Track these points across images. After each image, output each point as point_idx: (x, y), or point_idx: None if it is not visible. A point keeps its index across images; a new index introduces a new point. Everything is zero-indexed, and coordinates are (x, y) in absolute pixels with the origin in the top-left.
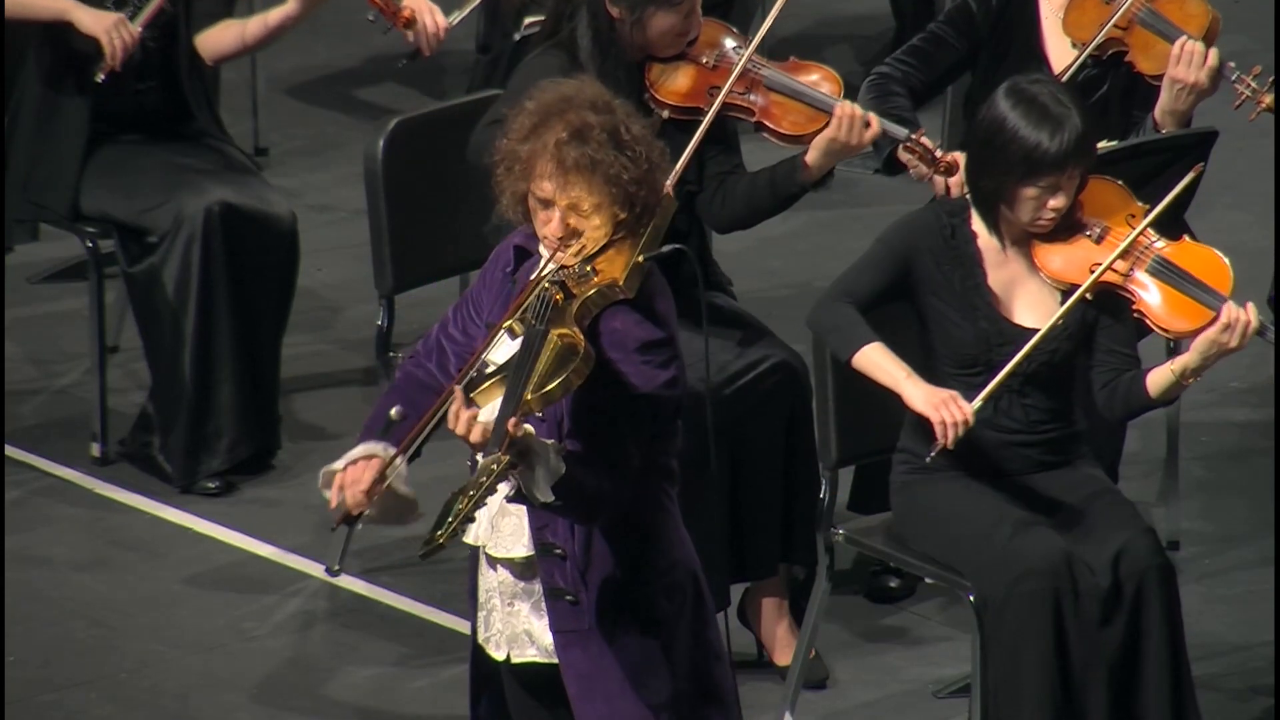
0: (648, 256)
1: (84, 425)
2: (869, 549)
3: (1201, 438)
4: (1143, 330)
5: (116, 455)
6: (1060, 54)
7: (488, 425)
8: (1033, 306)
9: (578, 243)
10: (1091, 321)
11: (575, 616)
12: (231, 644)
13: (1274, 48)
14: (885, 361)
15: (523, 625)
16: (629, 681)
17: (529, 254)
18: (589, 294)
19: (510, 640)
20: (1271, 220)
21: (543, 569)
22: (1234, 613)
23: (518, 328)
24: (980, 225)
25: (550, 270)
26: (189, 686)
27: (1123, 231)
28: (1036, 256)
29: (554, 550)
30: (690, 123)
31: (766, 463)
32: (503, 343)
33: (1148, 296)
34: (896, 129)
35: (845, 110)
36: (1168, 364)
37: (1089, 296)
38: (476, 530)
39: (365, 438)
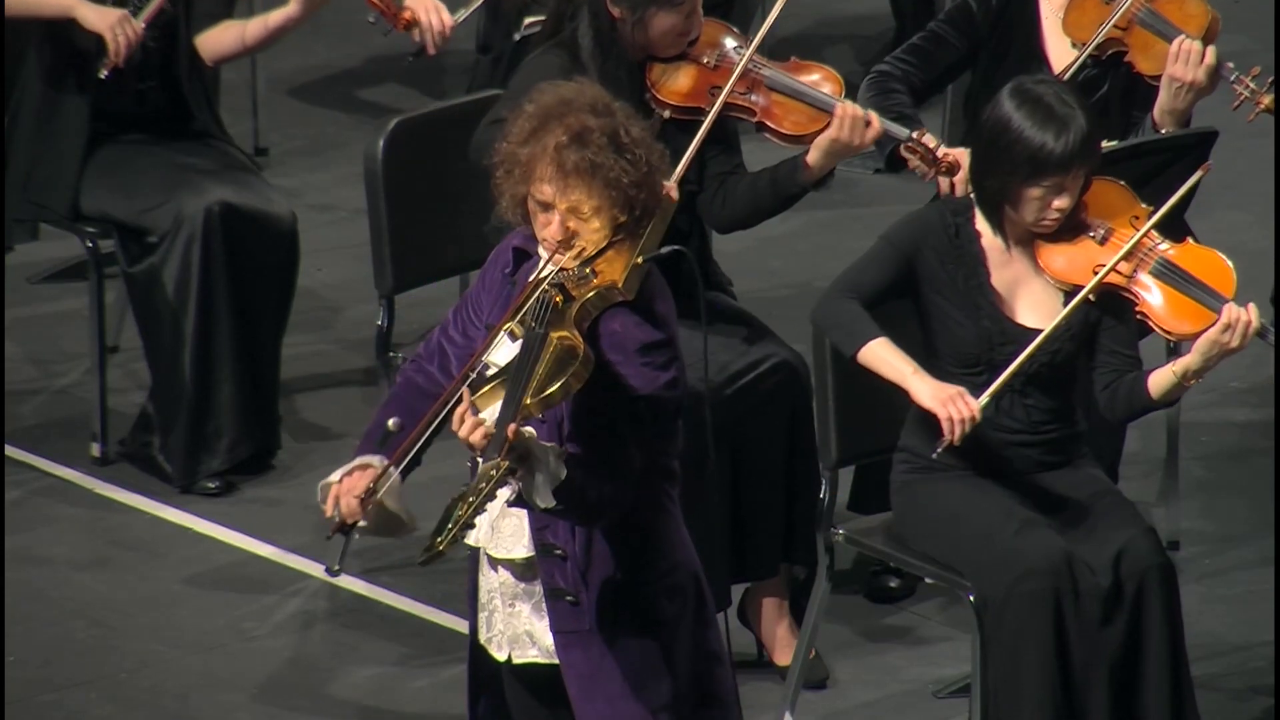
0: (647, 258)
1: (84, 425)
2: (869, 549)
3: (1201, 438)
4: (1143, 330)
5: (116, 455)
6: (1060, 54)
7: (490, 428)
8: (1035, 307)
9: (577, 245)
10: (1094, 322)
11: (576, 617)
12: (231, 644)
13: (1274, 48)
14: (891, 356)
15: (524, 626)
16: (629, 682)
17: (528, 255)
18: (588, 296)
19: (511, 641)
20: (1271, 220)
21: (543, 570)
22: (1234, 613)
23: (517, 330)
24: (984, 224)
25: (549, 273)
26: (189, 686)
27: (1127, 233)
28: (1040, 257)
29: (554, 551)
30: (691, 123)
31: (767, 463)
32: (503, 344)
33: (1151, 298)
34: (897, 129)
35: (846, 110)
36: (1169, 365)
37: (1092, 298)
38: (476, 532)
39: (363, 448)
